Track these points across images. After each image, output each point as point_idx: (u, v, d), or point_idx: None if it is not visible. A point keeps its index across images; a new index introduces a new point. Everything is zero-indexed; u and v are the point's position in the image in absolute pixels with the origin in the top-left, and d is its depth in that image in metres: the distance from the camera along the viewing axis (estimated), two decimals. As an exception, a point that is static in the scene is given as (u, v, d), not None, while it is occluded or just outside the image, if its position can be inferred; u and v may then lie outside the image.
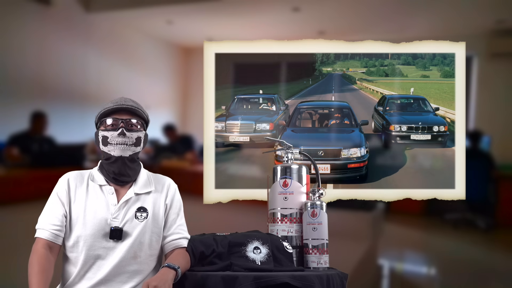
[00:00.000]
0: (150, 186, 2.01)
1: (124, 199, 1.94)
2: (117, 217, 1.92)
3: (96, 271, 1.88)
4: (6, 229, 4.54)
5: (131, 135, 1.92)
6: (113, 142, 1.91)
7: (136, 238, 1.91)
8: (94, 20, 8.63)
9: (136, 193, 1.97)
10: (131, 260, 1.90)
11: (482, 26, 8.19)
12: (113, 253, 1.89)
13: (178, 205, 2.06)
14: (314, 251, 2.13)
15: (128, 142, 1.92)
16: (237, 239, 2.07)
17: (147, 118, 2.00)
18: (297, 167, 2.24)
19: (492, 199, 7.00)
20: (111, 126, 1.92)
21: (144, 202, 1.97)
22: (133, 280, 1.91)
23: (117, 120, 1.92)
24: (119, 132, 1.91)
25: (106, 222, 1.90)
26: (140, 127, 1.96)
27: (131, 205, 1.95)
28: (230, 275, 1.90)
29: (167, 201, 2.03)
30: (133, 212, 1.94)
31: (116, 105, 1.93)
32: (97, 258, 1.88)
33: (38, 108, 6.62)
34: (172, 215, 2.02)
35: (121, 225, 1.91)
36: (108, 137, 1.92)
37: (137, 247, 1.91)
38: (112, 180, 1.96)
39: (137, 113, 1.96)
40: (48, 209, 1.93)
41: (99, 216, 1.90)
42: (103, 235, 1.89)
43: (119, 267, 1.88)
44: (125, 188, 1.98)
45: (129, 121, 1.93)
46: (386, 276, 5.16)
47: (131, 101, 1.98)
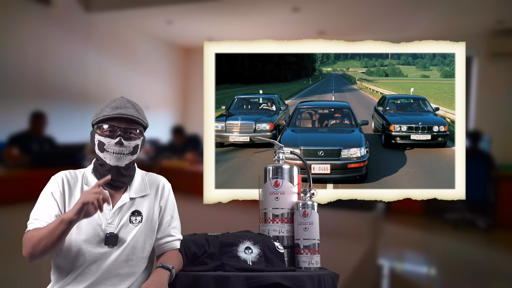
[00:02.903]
0: (145, 189, 1.97)
1: (119, 204, 1.90)
2: (112, 222, 1.87)
3: (87, 275, 1.84)
4: (6, 229, 4.54)
5: (128, 144, 1.85)
6: (110, 150, 1.85)
7: (130, 242, 1.88)
8: (94, 20, 8.63)
9: (131, 198, 1.93)
10: (123, 263, 1.87)
11: (482, 26, 8.19)
12: (106, 257, 1.85)
13: (172, 206, 2.02)
14: (306, 251, 2.13)
15: (125, 151, 1.85)
16: (229, 239, 2.07)
17: (146, 124, 1.93)
18: (289, 167, 2.23)
19: (492, 199, 7.00)
20: (109, 133, 1.85)
21: (139, 206, 1.93)
22: (125, 283, 1.88)
23: (115, 128, 1.84)
24: (117, 141, 1.84)
25: (101, 228, 1.85)
26: (139, 135, 1.90)
27: (126, 210, 1.91)
28: (222, 275, 1.90)
29: (162, 203, 1.99)
30: (127, 217, 1.90)
31: (116, 114, 1.84)
32: (90, 264, 1.84)
33: (37, 108, 6.62)
34: (166, 216, 1.99)
35: (116, 231, 1.87)
36: (104, 143, 1.85)
37: (130, 251, 1.88)
38: (106, 184, 1.88)
39: (138, 122, 1.88)
40: (41, 207, 1.85)
41: (93, 222, 1.84)
42: (97, 241, 1.84)
43: (110, 270, 1.85)
44: (119, 192, 1.92)
45: (128, 129, 1.86)
46: (386, 276, 5.16)
47: (131, 107, 1.89)
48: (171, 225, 2.00)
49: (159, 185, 2.01)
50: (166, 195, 2.01)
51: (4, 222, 4.80)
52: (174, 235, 2.00)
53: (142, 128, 1.92)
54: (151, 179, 2.02)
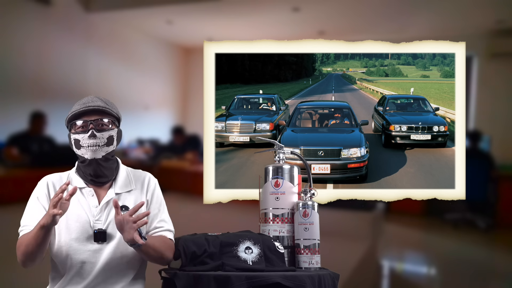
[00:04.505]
0: (130, 184, 1.98)
1: (105, 200, 1.92)
2: (100, 219, 1.89)
3: (84, 274, 1.85)
4: (6, 229, 4.54)
5: (101, 135, 1.89)
6: (85, 144, 1.88)
7: (121, 238, 1.86)
8: (94, 20, 8.63)
9: (117, 193, 1.94)
10: (118, 260, 1.88)
11: (482, 26, 8.20)
12: (100, 255, 1.86)
13: (159, 200, 2.02)
14: (306, 251, 2.13)
15: (99, 143, 1.88)
16: (229, 239, 2.06)
17: (117, 115, 1.96)
18: (289, 167, 2.23)
19: (492, 199, 7.01)
20: (81, 128, 1.89)
21: (125, 201, 1.94)
22: (123, 280, 1.89)
23: (86, 122, 1.89)
24: (90, 134, 1.87)
25: (89, 225, 1.87)
26: (111, 126, 1.92)
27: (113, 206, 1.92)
28: (222, 275, 1.89)
29: (147, 197, 1.99)
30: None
31: (83, 107, 1.89)
32: (83, 262, 1.85)
33: (37, 108, 6.63)
34: (153, 210, 1.98)
35: (104, 226, 1.88)
36: (79, 140, 1.89)
37: (123, 247, 1.88)
38: (90, 181, 1.93)
39: (107, 112, 1.91)
40: (30, 213, 1.90)
41: (81, 220, 1.88)
42: (87, 238, 1.86)
43: (107, 269, 1.86)
44: (104, 188, 1.94)
45: (99, 121, 1.89)
46: (386, 276, 5.17)
47: (99, 100, 1.93)
48: (158, 217, 1.98)
49: (145, 179, 2.02)
50: (152, 189, 2.01)
51: (4, 222, 4.80)
52: (162, 226, 1.98)
53: (114, 119, 1.94)
54: (136, 175, 2.03)
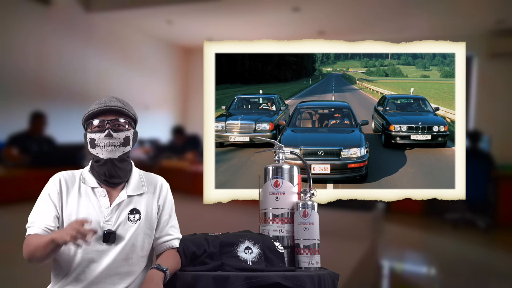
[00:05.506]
0: (143, 187, 1.98)
1: (117, 202, 1.91)
2: (110, 219, 1.89)
3: (87, 274, 1.85)
4: (6, 229, 4.54)
5: (118, 136, 1.88)
6: (101, 144, 1.87)
7: (129, 240, 1.89)
8: (94, 20, 8.63)
9: (129, 195, 1.94)
10: (122, 262, 1.88)
11: (482, 26, 8.19)
12: (105, 255, 1.86)
13: (170, 205, 2.03)
14: (306, 251, 2.13)
15: (116, 143, 1.88)
16: (229, 239, 2.07)
17: (134, 116, 1.96)
18: (289, 167, 2.23)
19: (492, 199, 7.01)
20: (98, 128, 1.89)
21: (137, 204, 1.95)
22: (124, 281, 1.89)
23: (103, 122, 1.88)
24: (106, 134, 1.87)
25: (99, 225, 1.87)
26: (128, 126, 1.92)
27: (124, 208, 1.92)
28: (222, 275, 1.90)
29: (160, 202, 2.00)
30: (126, 215, 1.91)
31: (101, 107, 1.89)
32: (90, 262, 1.85)
33: (37, 108, 6.62)
34: (164, 216, 2.00)
35: (114, 228, 1.88)
36: (95, 139, 1.88)
37: (129, 250, 1.89)
38: (103, 182, 1.92)
39: (124, 113, 1.91)
40: (39, 209, 1.88)
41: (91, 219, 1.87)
42: (96, 238, 1.85)
43: (110, 269, 1.86)
44: (117, 189, 1.94)
45: (116, 121, 1.89)
46: (386, 276, 5.16)
47: (117, 100, 1.93)
48: (169, 223, 2.01)
49: (157, 184, 2.02)
50: (164, 194, 2.02)
51: (4, 222, 4.80)
52: (172, 234, 2.01)
53: (131, 120, 1.94)
54: (149, 178, 2.03)
